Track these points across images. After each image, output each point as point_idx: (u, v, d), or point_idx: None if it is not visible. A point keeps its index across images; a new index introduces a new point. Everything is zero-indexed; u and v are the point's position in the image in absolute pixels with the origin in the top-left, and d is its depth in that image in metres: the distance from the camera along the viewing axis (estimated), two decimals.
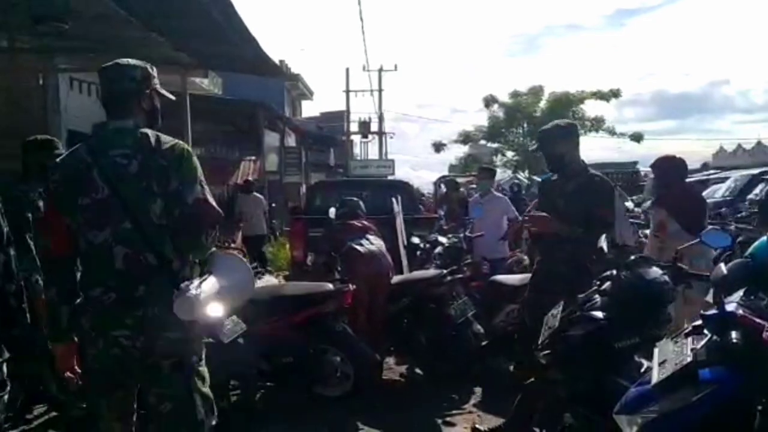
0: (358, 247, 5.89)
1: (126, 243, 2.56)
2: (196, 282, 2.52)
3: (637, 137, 35.88)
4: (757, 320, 2.07)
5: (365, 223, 6.30)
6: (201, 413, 2.65)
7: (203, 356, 2.74)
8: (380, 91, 37.90)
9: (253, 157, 17.84)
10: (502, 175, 38.45)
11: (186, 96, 10.62)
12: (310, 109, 41.16)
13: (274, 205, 17.14)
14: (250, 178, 14.53)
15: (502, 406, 4.62)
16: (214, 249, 2.82)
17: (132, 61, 2.78)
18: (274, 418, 5.06)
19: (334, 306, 5.27)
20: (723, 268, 2.55)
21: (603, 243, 3.65)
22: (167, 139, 2.70)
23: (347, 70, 36.84)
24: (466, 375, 5.79)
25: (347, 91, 36.70)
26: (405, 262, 7.37)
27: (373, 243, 6.06)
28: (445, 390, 5.68)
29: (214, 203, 2.69)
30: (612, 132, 36.37)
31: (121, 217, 2.56)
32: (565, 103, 35.81)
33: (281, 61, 32.38)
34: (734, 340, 2.07)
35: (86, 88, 13.08)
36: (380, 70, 37.47)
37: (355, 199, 6.68)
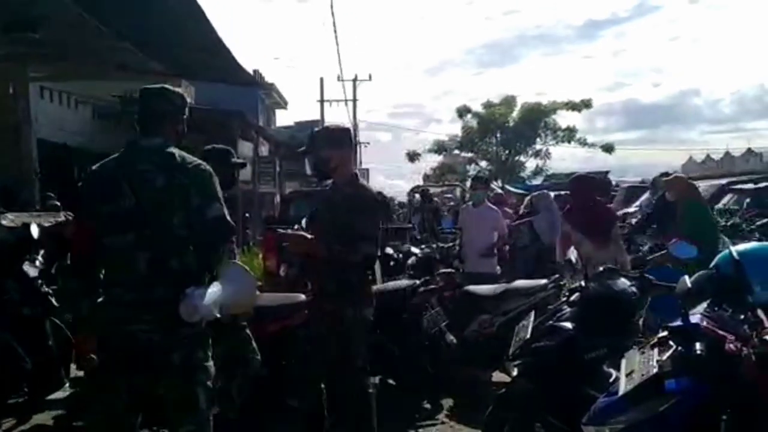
0: None
1: (148, 249, 2.84)
2: (201, 288, 2.74)
3: (608, 148, 36.28)
4: (720, 332, 2.11)
5: None
6: (203, 403, 2.91)
7: (209, 353, 2.99)
8: (354, 100, 38.00)
9: None
10: None
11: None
12: (284, 119, 41.08)
13: (248, 215, 17.01)
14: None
15: (474, 417, 4.61)
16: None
17: (174, 88, 3.19)
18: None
19: (306, 317, 5.22)
20: (687, 280, 2.58)
21: (572, 255, 3.69)
22: (191, 159, 2.99)
23: (321, 79, 36.85)
24: (439, 386, 5.79)
25: (321, 101, 36.73)
26: (378, 273, 7.35)
27: None
28: (417, 401, 5.67)
29: (230, 219, 2.98)
30: (584, 142, 36.78)
31: (143, 225, 2.84)
32: (538, 114, 36.16)
33: (255, 71, 32.33)
34: (698, 352, 2.11)
35: (57, 97, 12.90)
36: (355, 80, 37.58)
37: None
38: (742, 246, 2.81)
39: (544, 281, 5.58)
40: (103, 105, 13.76)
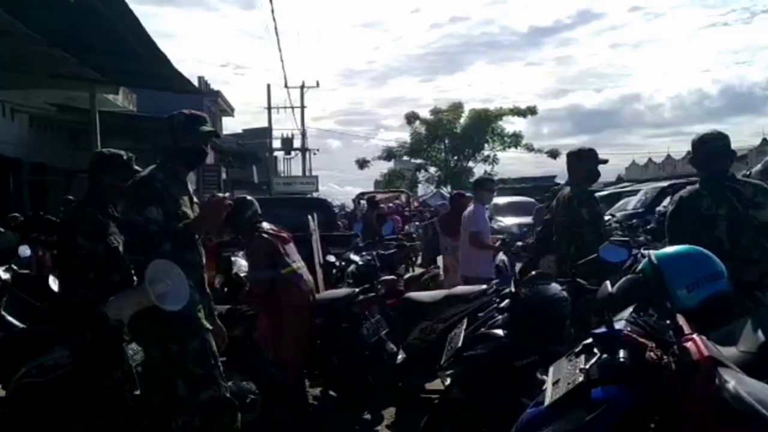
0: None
1: None
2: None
3: (553, 153, 36.87)
4: (641, 339, 2.05)
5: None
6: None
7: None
8: (302, 107, 38.03)
9: None
10: (425, 190, 39.10)
11: (95, 113, 10.27)
12: (232, 126, 40.79)
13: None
14: None
15: (416, 427, 4.52)
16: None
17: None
18: None
19: (241, 331, 5.07)
20: (608, 285, 2.53)
21: (501, 260, 3.62)
22: None
23: (268, 86, 36.80)
24: (380, 395, 5.68)
25: (269, 108, 36.64)
26: (321, 281, 7.23)
27: (299, 262, 5.86)
28: (358, 411, 5.56)
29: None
30: (530, 148, 37.36)
31: None
32: (485, 120, 36.55)
33: (201, 78, 31.94)
34: (621, 359, 2.05)
35: None
36: (302, 87, 37.64)
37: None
38: (663, 250, 2.78)
39: (484, 286, 5.53)
40: (40, 114, 13.30)
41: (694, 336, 1.91)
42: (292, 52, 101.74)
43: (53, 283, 4.97)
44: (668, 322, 2.18)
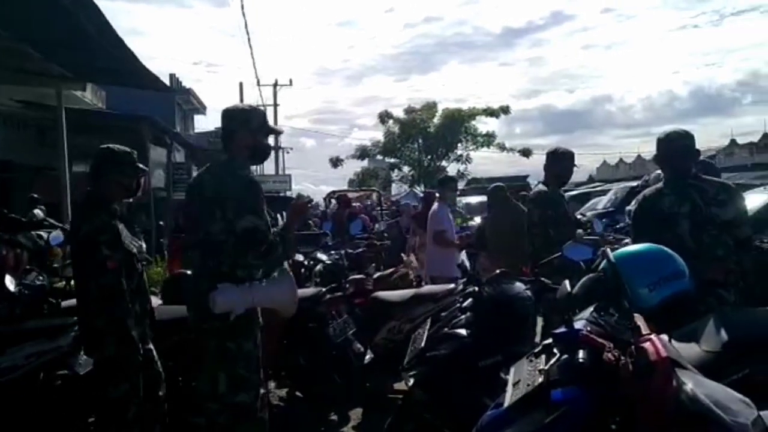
0: None
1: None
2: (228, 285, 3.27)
3: (526, 152, 37.16)
4: (599, 340, 2.00)
5: None
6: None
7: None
8: (275, 105, 37.82)
9: None
10: (399, 189, 39.11)
11: (62, 109, 10.10)
12: (205, 124, 40.53)
13: (162, 223, 16.45)
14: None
15: (383, 428, 4.48)
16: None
17: (240, 105, 3.71)
18: None
19: None
20: (567, 285, 2.50)
21: (463, 259, 3.59)
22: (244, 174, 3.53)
23: (241, 84, 36.85)
24: (347, 396, 5.62)
25: None
26: None
27: None
28: (324, 412, 5.49)
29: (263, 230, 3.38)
30: (503, 147, 37.57)
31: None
32: (458, 119, 36.66)
33: (172, 75, 31.62)
34: (581, 360, 2.01)
35: None
36: (275, 85, 37.49)
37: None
38: (622, 249, 2.75)
39: (451, 285, 5.49)
40: (5, 110, 13.03)
41: (652, 336, 1.88)
42: (266, 51, 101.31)
43: (10, 284, 4.82)
44: (629, 321, 2.15)
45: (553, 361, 2.12)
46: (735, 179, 16.87)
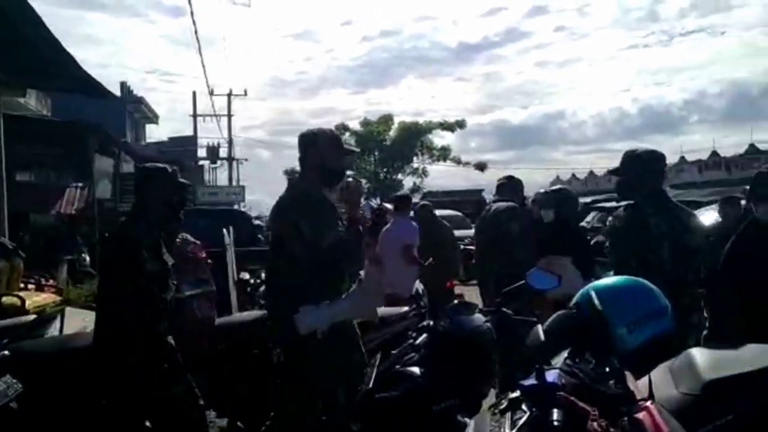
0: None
1: None
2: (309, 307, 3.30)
3: (481, 167, 37.47)
4: (582, 405, 1.65)
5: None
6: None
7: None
8: (229, 115, 37.46)
9: (80, 184, 16.29)
10: None
11: (0, 116, 9.58)
12: (158, 134, 39.82)
13: (107, 235, 15.82)
14: (73, 209, 13.30)
15: None
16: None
17: (314, 129, 3.71)
18: None
19: None
20: (539, 331, 2.17)
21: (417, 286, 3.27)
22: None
23: (194, 93, 36.29)
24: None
25: (194, 115, 36.09)
26: (234, 301, 6.73)
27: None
28: None
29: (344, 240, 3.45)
30: (458, 161, 37.78)
31: None
32: (414, 133, 36.77)
33: (123, 83, 30.88)
34: (555, 422, 1.65)
35: None
36: (229, 95, 37.15)
37: None
38: (602, 281, 2.41)
39: (405, 308, 5.18)
40: None
41: (649, 405, 1.55)
42: (221, 61, 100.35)
43: None
44: (609, 370, 1.82)
45: (523, 420, 1.74)
46: (685, 196, 17.10)
